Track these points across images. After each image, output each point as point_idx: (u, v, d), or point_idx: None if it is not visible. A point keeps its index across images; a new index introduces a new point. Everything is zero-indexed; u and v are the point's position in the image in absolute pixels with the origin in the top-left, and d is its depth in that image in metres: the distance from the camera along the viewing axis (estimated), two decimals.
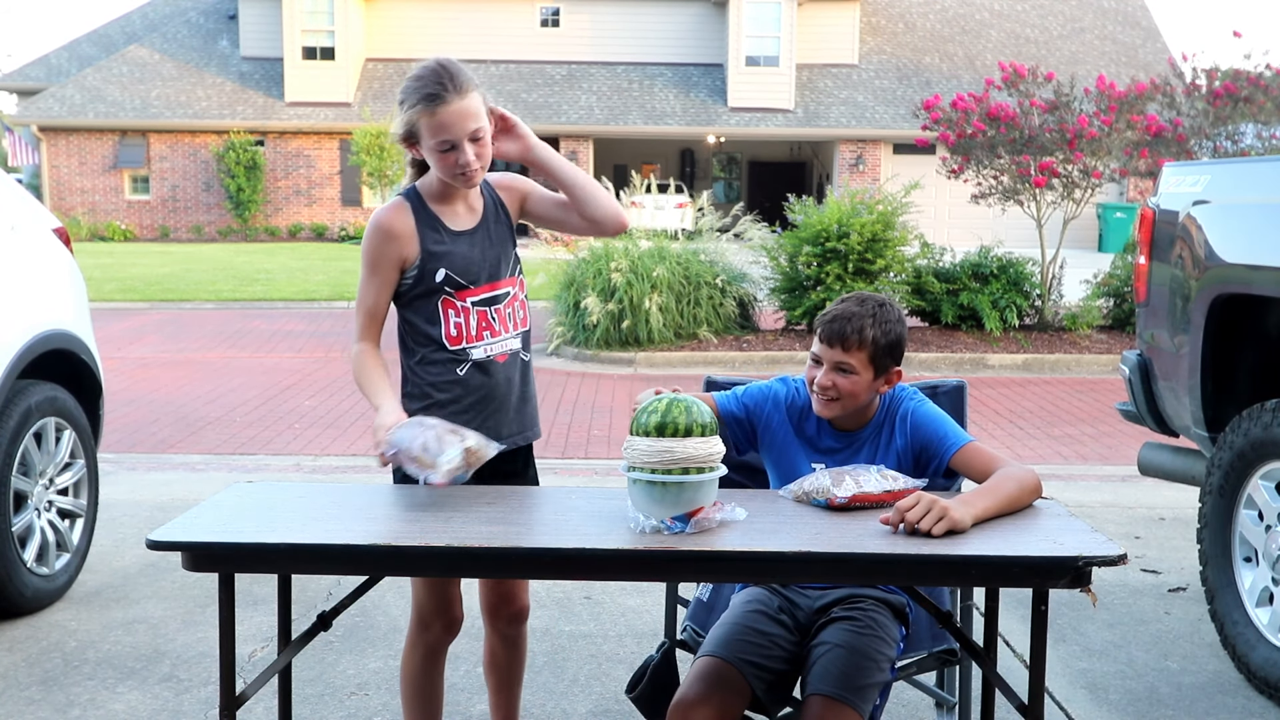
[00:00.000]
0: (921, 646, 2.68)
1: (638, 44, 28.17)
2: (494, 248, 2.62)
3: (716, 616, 2.80)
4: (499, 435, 2.56)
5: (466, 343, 2.58)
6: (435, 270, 2.54)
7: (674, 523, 2.14)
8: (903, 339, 2.53)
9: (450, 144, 2.43)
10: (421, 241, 2.54)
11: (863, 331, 2.47)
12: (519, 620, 2.82)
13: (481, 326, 2.58)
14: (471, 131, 2.44)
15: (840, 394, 2.49)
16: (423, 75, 2.45)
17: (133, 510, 5.45)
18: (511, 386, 2.64)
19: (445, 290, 2.56)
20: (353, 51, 27.35)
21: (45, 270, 4.47)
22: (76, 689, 3.51)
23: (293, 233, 26.94)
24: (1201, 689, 3.61)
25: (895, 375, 2.54)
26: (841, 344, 2.47)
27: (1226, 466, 3.75)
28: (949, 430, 2.51)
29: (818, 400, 2.53)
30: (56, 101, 26.51)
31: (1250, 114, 11.31)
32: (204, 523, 2.24)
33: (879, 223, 10.99)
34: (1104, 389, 9.76)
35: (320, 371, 10.14)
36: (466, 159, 2.45)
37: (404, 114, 2.46)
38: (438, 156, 2.47)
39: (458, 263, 2.55)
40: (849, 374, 2.48)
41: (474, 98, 2.44)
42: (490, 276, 2.59)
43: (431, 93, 2.41)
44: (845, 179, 25.78)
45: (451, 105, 2.41)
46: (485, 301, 2.59)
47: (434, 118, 2.42)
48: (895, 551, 2.10)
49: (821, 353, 2.51)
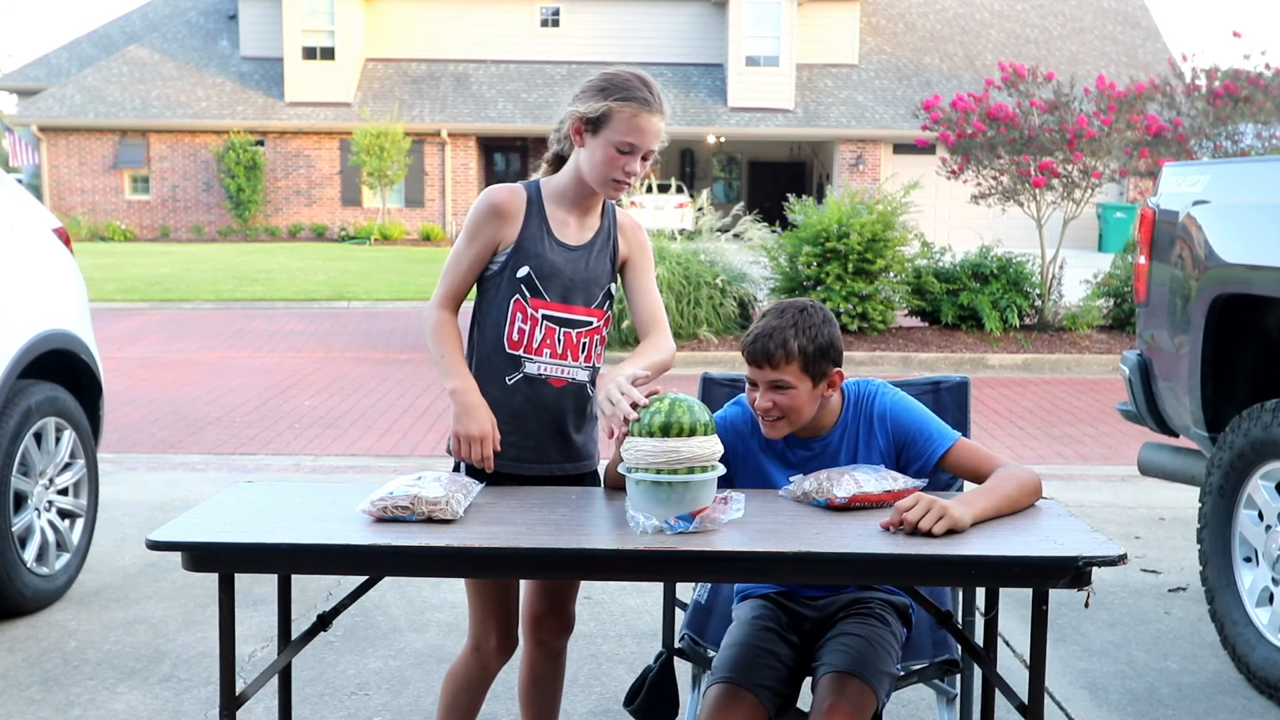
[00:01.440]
0: (923, 653, 2.66)
1: (638, 44, 28.14)
2: (589, 272, 2.58)
3: (715, 620, 2.79)
4: (538, 459, 2.56)
5: (526, 352, 2.54)
6: (520, 265, 2.52)
7: (677, 522, 2.13)
8: (835, 340, 2.44)
9: (632, 147, 2.47)
10: (521, 231, 2.53)
11: (786, 344, 2.39)
12: (565, 631, 2.74)
13: (545, 342, 2.54)
14: (650, 149, 2.50)
15: (783, 412, 2.42)
16: (634, 79, 2.50)
17: (133, 510, 5.45)
18: (563, 414, 2.58)
19: (522, 290, 2.53)
20: (353, 51, 27.34)
21: (45, 270, 4.47)
22: (76, 689, 3.51)
23: (293, 233, 26.93)
24: (1201, 689, 3.61)
25: (836, 377, 2.46)
26: (769, 362, 2.40)
27: (1226, 466, 3.75)
28: (934, 428, 2.45)
29: (764, 424, 2.47)
30: (56, 101, 26.51)
31: (1250, 114, 11.31)
32: (204, 523, 2.24)
33: (879, 223, 11.00)
34: (1104, 389, 9.76)
35: (320, 371, 10.14)
36: (634, 168, 2.50)
37: (604, 100, 2.46)
38: (611, 154, 2.47)
39: (545, 268, 2.53)
40: (785, 389, 2.40)
41: (664, 123, 2.52)
42: (569, 298, 2.56)
43: (646, 98, 2.47)
44: (845, 179, 25.78)
45: (655, 118, 2.48)
46: (559, 320, 2.55)
47: (636, 119, 2.45)
48: (895, 552, 2.10)
49: (753, 375, 2.44)
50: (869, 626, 2.45)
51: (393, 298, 15.57)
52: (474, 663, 2.65)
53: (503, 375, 2.55)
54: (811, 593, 2.57)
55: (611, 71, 2.52)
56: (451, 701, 2.69)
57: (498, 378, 2.55)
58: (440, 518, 2.21)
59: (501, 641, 2.62)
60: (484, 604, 2.60)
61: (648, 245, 2.72)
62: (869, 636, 2.42)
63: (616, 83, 2.48)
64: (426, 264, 20.28)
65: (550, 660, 2.75)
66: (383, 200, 26.43)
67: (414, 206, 27.26)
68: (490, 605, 2.60)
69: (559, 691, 2.79)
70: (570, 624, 2.75)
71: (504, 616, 2.62)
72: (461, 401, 2.49)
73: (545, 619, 2.72)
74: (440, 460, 6.87)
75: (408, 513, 2.21)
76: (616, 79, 2.49)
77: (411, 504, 2.21)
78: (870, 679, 2.32)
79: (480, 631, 2.62)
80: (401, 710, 3.40)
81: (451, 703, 2.68)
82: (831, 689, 2.29)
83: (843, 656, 2.36)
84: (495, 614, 2.60)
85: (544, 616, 2.71)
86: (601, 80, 2.50)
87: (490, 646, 2.62)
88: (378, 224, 26.22)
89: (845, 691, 2.28)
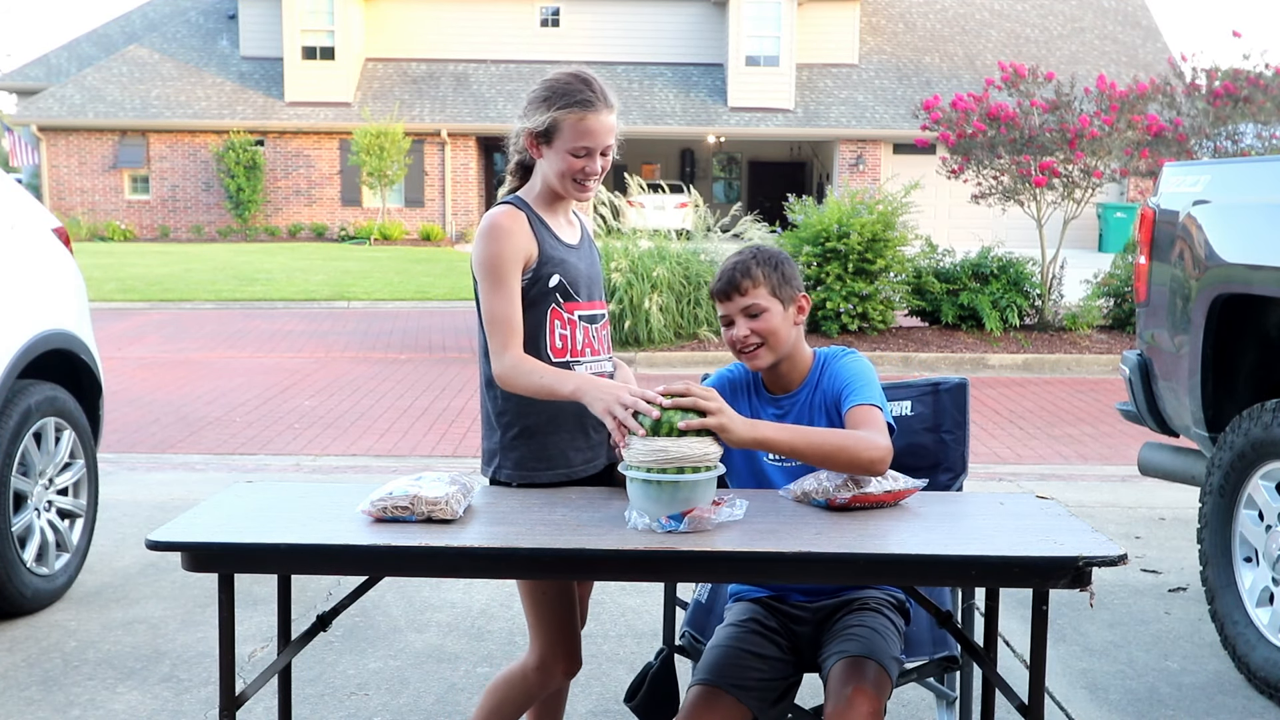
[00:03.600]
0: (923, 651, 2.67)
1: (638, 44, 28.16)
2: (593, 266, 2.63)
3: (715, 619, 2.79)
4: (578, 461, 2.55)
5: (572, 356, 2.53)
6: (551, 275, 2.51)
7: (669, 521, 2.14)
8: (795, 269, 2.56)
9: (587, 150, 2.47)
10: (540, 243, 2.52)
11: (750, 271, 2.50)
12: None
13: (585, 342, 2.56)
14: (606, 145, 2.50)
15: (763, 337, 2.49)
16: (574, 81, 2.48)
17: (133, 510, 5.45)
18: None
19: (556, 298, 2.52)
20: (353, 51, 27.34)
21: (45, 270, 4.47)
22: (76, 689, 3.51)
23: (293, 233, 26.93)
24: (1202, 689, 3.61)
25: (804, 301, 2.55)
26: (738, 290, 2.50)
27: (1227, 466, 3.75)
28: (857, 387, 2.46)
29: (747, 358, 2.53)
30: (56, 101, 26.51)
31: (1250, 114, 11.31)
32: (204, 523, 2.24)
33: (879, 223, 11.00)
34: (1104, 389, 9.76)
35: (320, 371, 10.14)
36: (594, 168, 2.50)
37: (549, 111, 2.46)
38: (568, 160, 2.47)
39: (570, 271, 2.54)
40: (760, 315, 2.49)
41: (615, 116, 2.52)
42: (594, 294, 2.60)
43: (588, 99, 2.46)
44: (845, 179, 25.78)
45: (603, 115, 2.47)
46: (590, 318, 2.58)
47: (584, 122, 2.45)
48: (895, 551, 2.10)
49: (727, 310, 2.53)
50: (873, 617, 2.48)
51: (393, 298, 15.57)
52: (535, 680, 2.58)
53: None
54: (799, 598, 2.58)
55: (550, 79, 2.52)
56: (496, 707, 2.62)
57: None
58: (440, 518, 2.21)
59: (568, 664, 2.57)
60: (553, 623, 2.54)
61: None
62: (874, 626, 2.44)
63: (557, 90, 2.47)
64: (426, 264, 20.28)
65: None
66: (383, 200, 26.42)
67: (414, 206, 27.25)
68: (559, 624, 2.54)
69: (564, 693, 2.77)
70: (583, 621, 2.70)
71: (572, 636, 2.57)
72: (587, 386, 2.37)
73: None
74: (441, 460, 6.87)
75: (407, 513, 2.21)
76: (556, 86, 2.48)
77: (411, 504, 2.21)
78: (884, 661, 2.34)
79: (549, 653, 2.55)
80: (401, 710, 3.40)
81: (496, 708, 2.62)
82: (848, 673, 2.30)
83: (854, 643, 2.38)
84: (564, 633, 2.55)
85: None
86: (543, 90, 2.50)
87: (559, 669, 2.57)
88: (378, 224, 26.22)
89: (863, 673, 2.29)
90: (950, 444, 2.82)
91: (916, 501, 2.40)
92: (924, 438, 2.83)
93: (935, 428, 2.83)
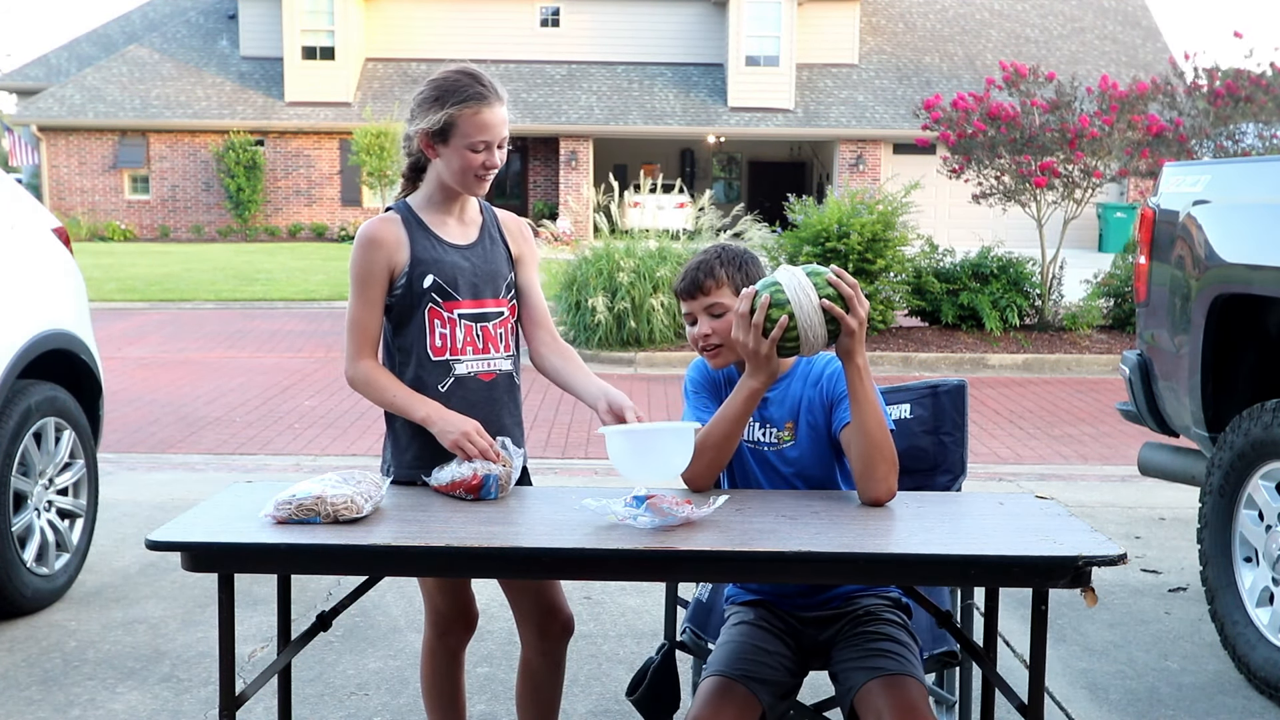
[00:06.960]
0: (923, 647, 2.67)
1: (638, 44, 28.15)
2: (488, 265, 2.62)
3: (716, 617, 2.79)
4: None
5: (451, 354, 2.56)
6: (423, 276, 2.53)
7: (632, 500, 2.17)
8: (760, 268, 2.56)
9: (485, 144, 2.49)
10: (411, 248, 2.54)
11: (714, 272, 2.52)
12: (568, 633, 2.72)
13: (468, 341, 2.57)
14: (502, 138, 2.52)
15: (722, 338, 2.50)
16: (463, 77, 2.50)
17: (133, 510, 5.45)
18: (499, 407, 2.61)
19: (433, 298, 2.54)
20: (353, 51, 27.34)
21: (45, 270, 4.47)
22: (76, 689, 3.51)
23: (293, 233, 26.93)
24: (1201, 689, 3.61)
25: None
26: (701, 290, 2.52)
27: (1227, 466, 3.75)
28: None
29: (708, 356, 2.55)
30: (56, 101, 26.50)
31: (1251, 113, 11.30)
32: (204, 523, 2.24)
33: (879, 223, 11.00)
34: (1104, 389, 9.76)
35: (320, 371, 10.14)
36: (493, 161, 2.52)
37: (442, 110, 2.47)
38: (466, 156, 2.49)
39: (447, 271, 2.55)
40: (722, 315, 2.50)
41: (506, 109, 2.54)
42: (479, 293, 2.59)
43: (479, 93, 2.48)
44: (845, 179, 25.77)
45: (496, 108, 2.50)
46: (475, 317, 2.58)
47: (478, 116, 2.47)
48: (895, 551, 2.10)
49: (690, 308, 2.55)
50: (891, 627, 2.46)
51: None
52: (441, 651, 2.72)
53: (435, 385, 2.55)
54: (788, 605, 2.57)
55: (437, 78, 2.54)
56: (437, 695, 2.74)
57: (431, 389, 2.55)
58: (346, 517, 2.20)
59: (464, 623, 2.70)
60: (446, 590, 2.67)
61: (534, 242, 2.78)
62: (897, 638, 2.43)
63: (447, 87, 2.49)
64: None
65: (551, 665, 2.73)
66: (383, 200, 26.38)
67: None
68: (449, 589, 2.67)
69: (558, 696, 2.78)
70: (571, 623, 2.73)
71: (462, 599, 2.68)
72: (437, 418, 2.47)
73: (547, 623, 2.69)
74: None
75: (313, 514, 2.20)
76: (446, 84, 2.50)
77: (315, 504, 2.20)
78: (918, 676, 2.35)
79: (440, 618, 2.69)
80: (401, 710, 3.40)
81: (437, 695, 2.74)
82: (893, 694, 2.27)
83: (889, 660, 2.36)
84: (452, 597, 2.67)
85: (545, 620, 2.68)
86: (433, 90, 2.51)
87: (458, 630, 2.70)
88: None
89: (908, 691, 2.28)
90: (949, 446, 2.82)
91: (916, 501, 2.41)
92: (923, 440, 2.83)
93: (934, 430, 2.83)
